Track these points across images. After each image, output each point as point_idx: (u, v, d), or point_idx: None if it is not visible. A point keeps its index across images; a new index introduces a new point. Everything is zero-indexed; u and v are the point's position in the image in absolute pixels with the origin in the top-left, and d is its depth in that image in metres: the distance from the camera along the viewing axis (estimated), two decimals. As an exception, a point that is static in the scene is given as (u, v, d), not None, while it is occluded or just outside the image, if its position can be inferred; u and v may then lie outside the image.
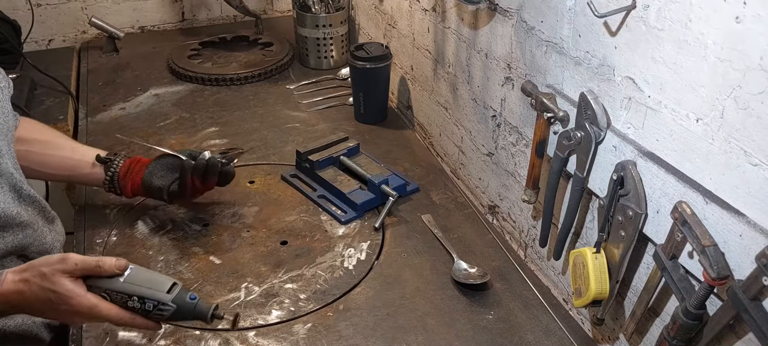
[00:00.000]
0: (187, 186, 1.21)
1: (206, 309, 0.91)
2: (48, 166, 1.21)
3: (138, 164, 1.25)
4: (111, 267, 0.88)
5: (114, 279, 0.89)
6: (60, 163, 1.22)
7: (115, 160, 1.25)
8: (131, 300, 0.89)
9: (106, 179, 1.24)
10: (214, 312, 0.91)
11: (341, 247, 1.23)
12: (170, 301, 0.90)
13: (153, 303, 0.89)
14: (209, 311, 0.91)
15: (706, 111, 0.74)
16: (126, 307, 0.89)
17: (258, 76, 1.92)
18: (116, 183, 1.24)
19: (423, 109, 1.66)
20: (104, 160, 1.24)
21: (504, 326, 1.05)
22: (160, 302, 0.89)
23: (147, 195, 1.27)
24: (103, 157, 1.24)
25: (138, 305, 0.89)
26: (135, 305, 0.89)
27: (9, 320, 1.01)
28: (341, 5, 1.99)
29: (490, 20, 1.21)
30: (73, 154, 1.24)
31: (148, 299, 0.89)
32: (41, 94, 1.79)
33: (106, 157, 1.24)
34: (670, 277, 0.79)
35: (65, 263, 0.86)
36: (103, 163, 1.24)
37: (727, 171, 0.72)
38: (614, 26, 0.86)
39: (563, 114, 0.96)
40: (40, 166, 1.20)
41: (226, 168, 1.24)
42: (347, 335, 1.03)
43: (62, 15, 2.18)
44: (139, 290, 0.90)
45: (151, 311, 0.90)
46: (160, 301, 0.89)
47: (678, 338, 0.78)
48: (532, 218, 1.20)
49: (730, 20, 0.68)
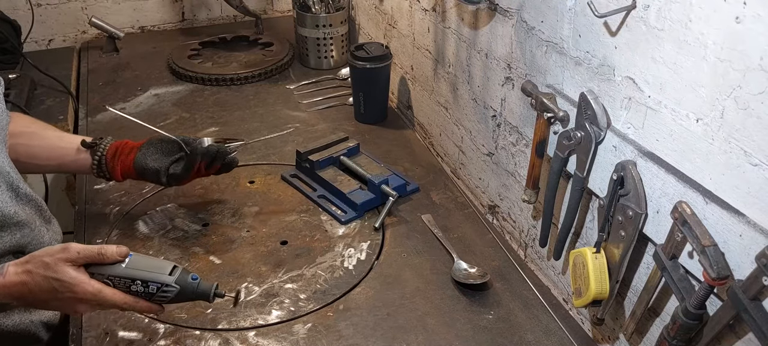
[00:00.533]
0: (193, 171, 1.20)
1: (208, 288, 0.93)
2: (37, 158, 1.19)
3: (126, 147, 1.22)
4: (113, 254, 0.89)
5: (116, 265, 0.90)
6: (47, 153, 1.20)
7: (101, 143, 1.21)
8: (135, 285, 0.91)
9: (93, 164, 1.20)
10: (216, 291, 0.93)
11: (341, 247, 1.23)
12: (173, 282, 0.91)
13: (157, 286, 0.91)
14: (211, 290, 0.93)
15: (706, 111, 0.74)
16: (129, 292, 0.90)
17: (258, 76, 1.92)
18: (104, 167, 1.21)
19: (423, 109, 1.66)
20: (89, 144, 1.21)
21: (504, 326, 1.05)
22: (163, 283, 0.91)
23: (140, 178, 1.22)
24: (88, 142, 1.21)
25: (142, 288, 0.91)
26: (138, 289, 0.91)
27: (6, 318, 1.01)
28: (341, 5, 1.99)
29: (490, 20, 1.21)
30: (59, 143, 1.22)
31: (151, 282, 0.91)
32: (41, 94, 1.79)
33: (92, 142, 1.21)
34: (670, 277, 0.79)
35: (68, 252, 0.87)
36: (89, 148, 1.21)
37: (727, 171, 0.72)
38: (614, 26, 0.86)
39: (563, 114, 0.96)
40: (29, 159, 1.17)
41: (231, 156, 1.23)
42: (347, 335, 1.03)
43: (62, 15, 2.19)
44: (141, 274, 0.91)
45: (154, 293, 0.91)
46: (164, 283, 0.91)
47: (678, 338, 0.78)
48: (532, 217, 1.20)
49: (730, 20, 0.68)
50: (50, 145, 1.21)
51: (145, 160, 1.20)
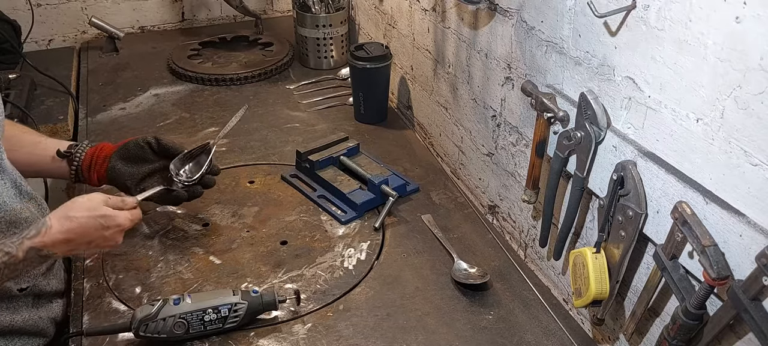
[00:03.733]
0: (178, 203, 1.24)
1: (271, 297, 1.03)
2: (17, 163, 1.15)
3: (101, 155, 1.20)
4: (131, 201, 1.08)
5: (182, 305, 0.98)
6: (25, 159, 1.17)
7: (76, 152, 1.20)
8: (207, 314, 0.98)
9: (71, 173, 1.20)
10: (279, 297, 1.04)
11: (341, 247, 1.23)
12: (240, 299, 1.00)
13: (227, 308, 0.99)
14: (275, 298, 1.03)
15: (706, 111, 0.74)
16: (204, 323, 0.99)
17: (258, 76, 1.92)
18: (81, 177, 1.21)
19: (423, 109, 1.66)
20: (64, 154, 1.19)
21: (504, 326, 1.05)
22: (233, 304, 1.00)
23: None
24: (62, 152, 1.19)
25: (214, 316, 0.99)
26: (212, 318, 0.99)
27: (17, 315, 1.02)
28: (341, 5, 1.99)
29: (490, 20, 1.21)
30: (34, 149, 1.19)
31: (221, 306, 0.99)
32: (41, 95, 1.79)
33: (66, 152, 1.19)
34: (670, 277, 0.79)
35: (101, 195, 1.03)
36: (64, 158, 1.19)
37: (727, 171, 0.72)
38: (614, 26, 0.86)
39: (563, 114, 0.96)
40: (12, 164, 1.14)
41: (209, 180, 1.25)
42: (347, 335, 1.03)
43: (62, 15, 2.18)
44: (210, 302, 0.99)
45: (227, 316, 1.00)
46: (232, 303, 1.00)
47: (678, 338, 0.78)
48: (532, 218, 1.20)
49: (730, 20, 0.68)
50: (26, 151, 1.19)
51: (114, 174, 1.20)
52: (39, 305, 1.07)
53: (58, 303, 1.11)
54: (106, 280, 1.14)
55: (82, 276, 1.15)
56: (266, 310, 1.04)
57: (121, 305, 1.09)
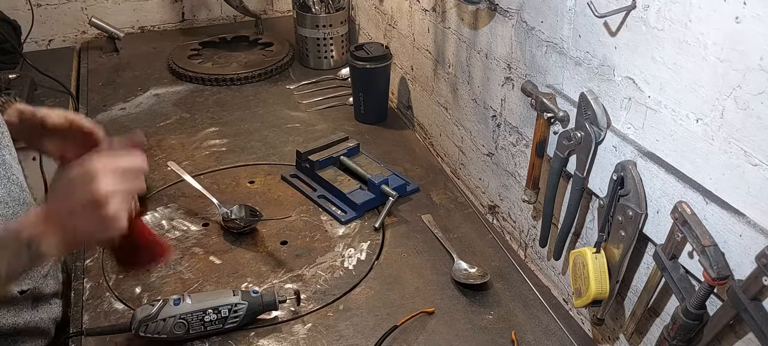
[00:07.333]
0: None
1: (271, 298, 1.03)
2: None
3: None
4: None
5: (182, 305, 0.98)
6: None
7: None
8: (207, 315, 0.98)
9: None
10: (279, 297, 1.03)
11: (341, 247, 1.23)
12: (240, 299, 1.00)
13: (227, 308, 0.99)
14: (275, 298, 1.03)
15: (706, 111, 0.74)
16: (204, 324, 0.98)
17: (258, 76, 1.92)
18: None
19: (423, 109, 1.66)
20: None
21: (504, 326, 1.05)
22: (233, 304, 0.99)
23: None
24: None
25: (214, 316, 0.98)
26: (212, 318, 0.98)
27: (19, 317, 1.02)
28: (341, 5, 1.99)
29: (490, 20, 1.21)
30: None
31: (221, 307, 0.99)
32: (41, 95, 1.79)
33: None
34: (670, 277, 0.79)
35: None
36: None
37: (727, 171, 0.72)
38: (614, 26, 0.86)
39: (563, 114, 0.96)
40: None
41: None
42: (347, 335, 1.03)
43: (62, 15, 2.19)
44: (210, 303, 0.99)
45: (227, 317, 0.99)
46: (232, 303, 0.99)
47: (678, 338, 0.78)
48: (532, 218, 1.20)
49: (730, 20, 0.68)
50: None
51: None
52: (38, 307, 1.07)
53: (56, 304, 1.11)
54: (106, 280, 1.14)
55: (82, 276, 1.15)
56: (266, 310, 1.04)
57: (121, 305, 1.09)
